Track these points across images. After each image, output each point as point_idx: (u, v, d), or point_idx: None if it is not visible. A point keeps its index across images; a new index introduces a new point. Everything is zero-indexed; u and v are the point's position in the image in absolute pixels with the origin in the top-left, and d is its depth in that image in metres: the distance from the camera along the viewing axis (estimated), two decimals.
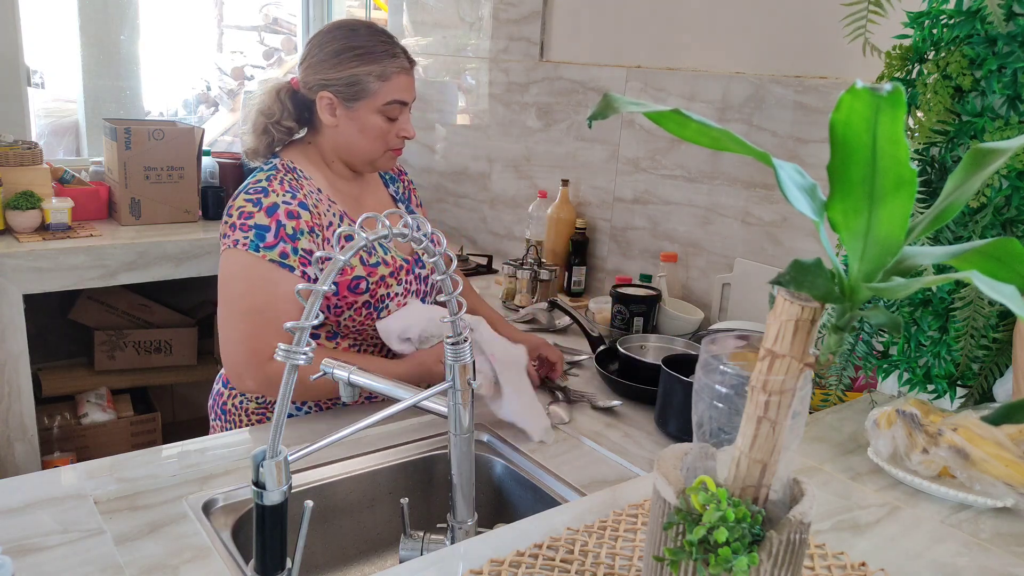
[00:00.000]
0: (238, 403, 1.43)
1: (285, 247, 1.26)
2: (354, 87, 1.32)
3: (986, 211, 1.09)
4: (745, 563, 0.56)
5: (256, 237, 1.25)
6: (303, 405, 1.42)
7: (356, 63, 1.32)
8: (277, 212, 1.26)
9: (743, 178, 1.84)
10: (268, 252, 1.25)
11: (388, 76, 1.33)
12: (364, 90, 1.32)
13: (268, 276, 1.25)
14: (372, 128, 1.35)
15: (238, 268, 1.27)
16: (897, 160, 0.48)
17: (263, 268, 1.25)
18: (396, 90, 1.34)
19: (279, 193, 1.28)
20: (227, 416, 1.45)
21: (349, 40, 1.33)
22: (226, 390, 1.46)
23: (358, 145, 1.37)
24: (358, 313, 1.36)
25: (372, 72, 1.32)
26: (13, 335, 2.22)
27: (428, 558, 0.85)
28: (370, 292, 1.35)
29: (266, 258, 1.25)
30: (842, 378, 1.20)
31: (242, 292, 1.26)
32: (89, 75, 3.06)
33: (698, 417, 0.65)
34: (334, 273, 0.76)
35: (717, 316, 1.91)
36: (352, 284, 1.33)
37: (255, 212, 1.27)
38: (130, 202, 2.54)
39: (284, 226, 1.26)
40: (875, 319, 0.55)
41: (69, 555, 0.92)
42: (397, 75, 1.34)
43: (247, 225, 1.26)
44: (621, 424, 1.40)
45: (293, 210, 1.28)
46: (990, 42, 1.08)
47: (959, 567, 0.87)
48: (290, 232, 1.26)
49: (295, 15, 3.56)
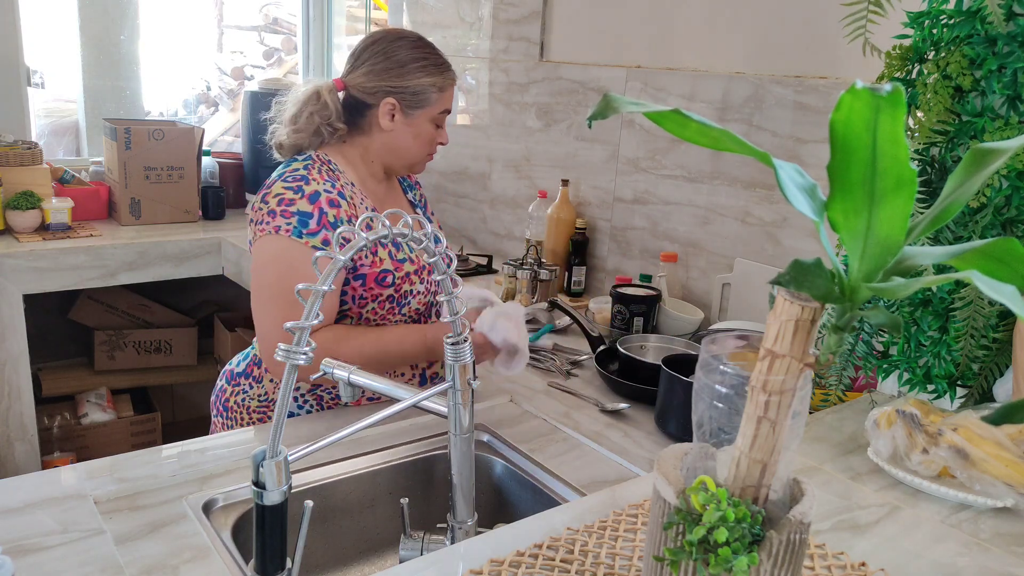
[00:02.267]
0: (240, 400, 1.44)
1: (327, 234, 1.28)
2: (419, 96, 1.39)
3: (986, 211, 1.09)
4: (745, 563, 0.56)
5: (299, 223, 1.27)
6: (304, 404, 1.42)
7: (422, 74, 1.39)
8: (319, 200, 1.29)
9: (743, 178, 1.84)
10: (311, 239, 1.27)
11: (445, 88, 1.43)
12: (427, 100, 1.40)
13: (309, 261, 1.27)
14: (424, 135, 1.43)
15: (279, 253, 1.28)
16: (897, 160, 0.49)
17: (306, 254, 1.27)
18: (448, 100, 1.45)
19: (319, 181, 1.32)
20: (229, 413, 1.45)
21: (415, 52, 1.40)
22: (229, 387, 1.47)
23: (409, 149, 1.43)
24: (381, 306, 1.38)
25: (435, 84, 1.40)
26: (13, 335, 2.22)
27: (428, 558, 0.85)
28: (395, 287, 1.37)
29: (309, 244, 1.27)
30: (842, 378, 1.20)
31: (283, 275, 1.28)
32: (89, 75, 3.06)
33: (698, 417, 0.65)
34: (334, 273, 0.76)
35: (717, 316, 1.91)
36: (379, 277, 1.35)
37: (296, 199, 1.29)
38: (130, 202, 2.54)
39: (326, 214, 1.29)
40: (875, 319, 0.55)
41: (69, 555, 0.92)
42: (450, 87, 1.44)
43: (289, 212, 1.28)
44: (621, 424, 1.40)
45: (334, 199, 1.31)
46: (990, 42, 1.08)
47: (959, 567, 0.87)
48: (332, 220, 1.29)
49: (295, 15, 3.56)
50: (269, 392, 1.42)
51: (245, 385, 1.44)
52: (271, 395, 1.42)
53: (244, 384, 1.45)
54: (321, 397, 1.43)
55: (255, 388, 1.43)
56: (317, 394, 1.43)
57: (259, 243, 1.31)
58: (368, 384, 1.04)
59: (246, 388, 1.44)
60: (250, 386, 1.44)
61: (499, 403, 1.46)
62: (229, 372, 1.49)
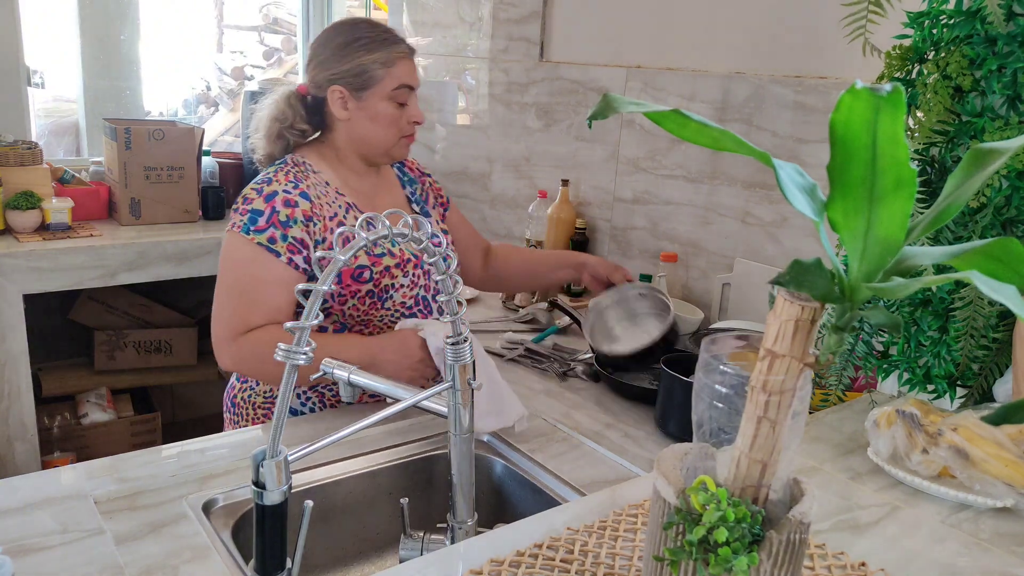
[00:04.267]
0: (246, 396, 1.46)
1: (275, 232, 1.30)
2: (361, 76, 1.37)
3: (986, 211, 1.09)
4: (745, 563, 0.56)
5: (249, 220, 1.30)
6: (307, 402, 1.43)
7: (361, 53, 1.37)
8: (274, 199, 1.31)
9: (743, 178, 1.84)
10: (257, 235, 1.30)
11: (392, 62, 1.37)
12: (372, 78, 1.37)
13: (254, 258, 1.30)
14: (384, 116, 1.39)
15: (230, 249, 1.33)
16: (897, 160, 0.49)
17: (250, 250, 1.30)
18: (401, 75, 1.38)
19: (281, 182, 1.34)
20: (236, 408, 1.48)
21: (351, 34, 1.38)
22: (238, 383, 1.49)
23: (372, 135, 1.41)
24: (362, 302, 1.37)
25: (377, 60, 1.36)
26: (13, 335, 2.22)
27: (428, 558, 0.85)
28: (373, 281, 1.37)
29: (254, 240, 1.29)
30: (842, 378, 1.20)
31: (231, 271, 1.32)
32: (89, 75, 3.06)
33: (698, 417, 0.65)
34: (334, 273, 0.76)
35: (717, 316, 1.91)
36: (355, 273, 1.35)
37: (255, 198, 1.32)
38: (130, 202, 2.54)
39: (278, 212, 1.31)
40: (875, 319, 0.55)
41: (69, 555, 0.92)
42: (400, 60, 1.38)
43: (245, 210, 1.32)
44: (621, 424, 1.40)
45: (291, 199, 1.32)
46: (990, 42, 1.08)
47: (959, 567, 0.87)
48: (283, 219, 1.30)
49: (295, 15, 3.56)
50: (275, 389, 1.42)
51: (252, 382, 1.46)
52: (276, 392, 1.42)
53: (252, 381, 1.46)
54: (323, 394, 1.44)
55: (261, 385, 1.45)
56: (319, 391, 1.44)
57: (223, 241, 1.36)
58: (368, 384, 1.04)
59: (253, 385, 1.46)
60: (256, 383, 1.45)
61: None
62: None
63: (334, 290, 1.34)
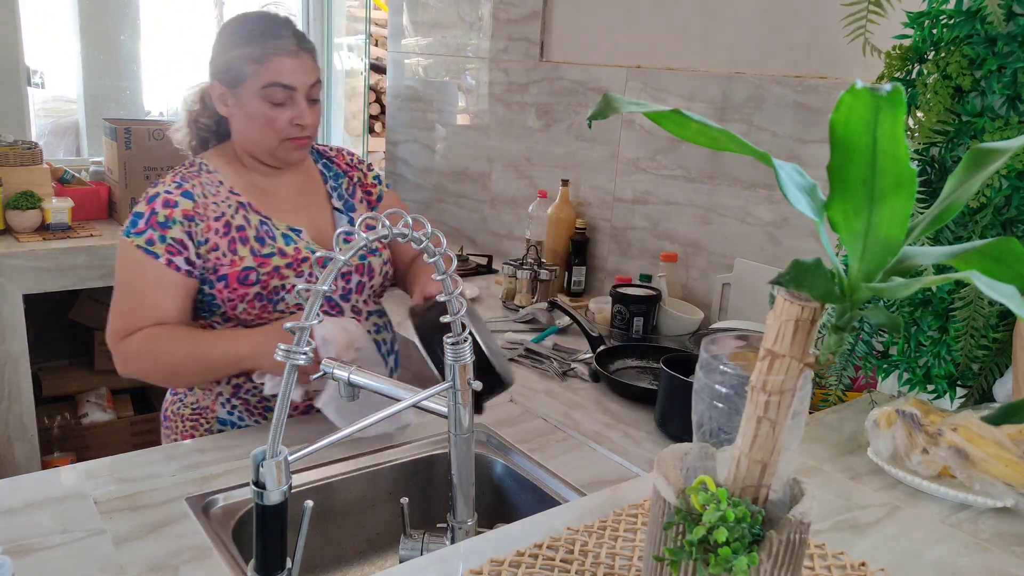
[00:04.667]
0: (176, 409, 1.43)
1: (152, 234, 1.27)
2: (231, 72, 1.30)
3: (986, 211, 1.09)
4: (745, 563, 0.56)
5: (131, 224, 1.29)
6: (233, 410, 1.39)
7: (234, 48, 1.30)
8: (155, 201, 1.29)
9: (743, 178, 1.84)
10: (136, 238, 1.28)
11: (264, 58, 1.28)
12: (241, 74, 1.29)
13: (133, 260, 1.28)
14: (257, 115, 1.30)
15: (119, 252, 1.31)
16: (897, 160, 0.48)
17: (130, 252, 1.28)
18: (273, 72, 1.28)
19: (166, 184, 1.32)
20: (167, 422, 1.46)
21: (234, 27, 1.33)
22: (170, 396, 1.47)
23: (250, 134, 1.34)
24: (251, 306, 1.31)
25: (247, 55, 1.29)
26: (13, 335, 2.22)
27: (428, 558, 0.85)
28: (261, 284, 1.31)
29: (133, 243, 1.28)
30: (842, 378, 1.20)
31: (117, 274, 1.31)
32: (89, 75, 3.06)
33: (698, 417, 0.65)
34: (334, 273, 0.76)
35: (717, 316, 1.91)
36: (241, 276, 1.29)
37: (140, 202, 1.31)
38: (130, 202, 2.53)
39: (156, 214, 1.28)
40: (875, 319, 0.55)
41: (69, 555, 0.92)
42: (276, 57, 1.28)
43: (132, 212, 1.31)
44: (621, 424, 1.40)
45: (172, 199, 1.29)
46: (990, 42, 1.08)
47: (959, 567, 0.87)
48: (161, 220, 1.28)
49: (295, 15, 3.56)
50: (200, 399, 1.40)
51: (181, 394, 1.44)
52: (201, 402, 1.40)
53: (180, 393, 1.44)
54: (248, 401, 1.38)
55: (189, 397, 1.42)
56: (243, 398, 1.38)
57: None
58: (368, 384, 1.04)
59: (181, 397, 1.43)
60: (184, 394, 1.42)
61: (499, 403, 1.46)
62: None
63: (223, 295, 1.30)
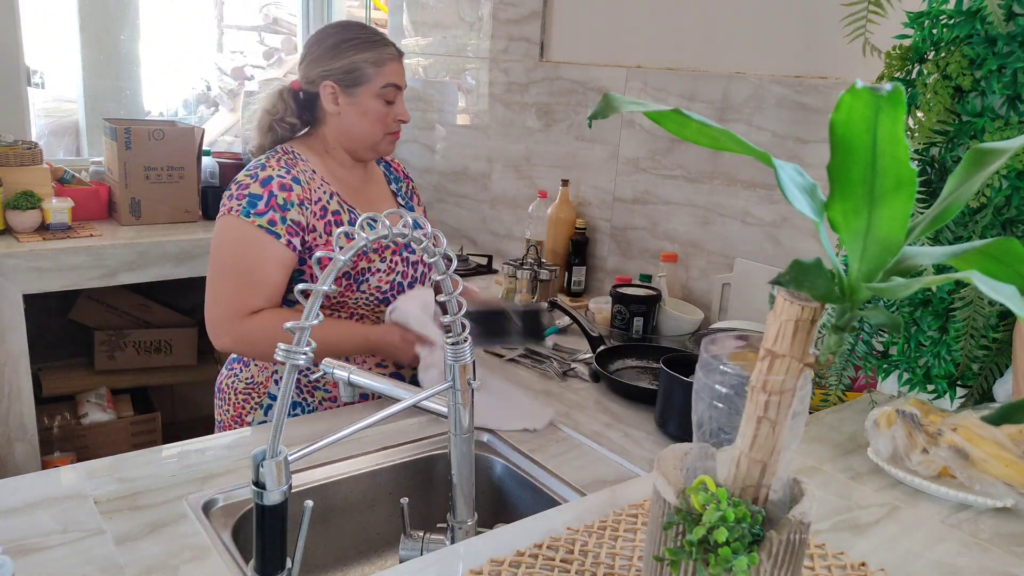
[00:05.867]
0: (230, 383, 1.50)
1: (274, 215, 1.35)
2: (353, 74, 1.43)
3: (986, 211, 1.09)
4: (745, 563, 0.56)
5: (248, 204, 1.35)
6: (303, 402, 1.44)
7: (353, 52, 1.43)
8: (271, 184, 1.37)
9: (743, 178, 1.84)
10: (257, 218, 1.34)
11: (382, 62, 1.44)
12: (363, 76, 1.43)
13: (255, 240, 1.34)
14: (372, 112, 1.45)
15: (229, 232, 1.37)
16: (897, 160, 0.48)
17: (251, 232, 1.34)
18: (390, 74, 1.45)
19: (275, 168, 1.40)
20: (220, 394, 1.52)
21: (344, 34, 1.45)
22: (225, 370, 1.53)
23: (361, 129, 1.46)
24: (337, 283, 1.40)
25: (368, 59, 1.43)
26: (13, 335, 2.22)
27: (428, 558, 0.85)
28: (351, 264, 1.40)
29: (255, 223, 1.34)
30: (842, 378, 1.20)
31: (230, 253, 1.37)
32: (89, 75, 3.06)
33: (698, 417, 0.65)
34: (334, 273, 0.76)
35: (717, 316, 1.91)
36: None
37: (251, 183, 1.37)
38: (130, 202, 2.54)
39: (275, 196, 1.36)
40: (875, 319, 0.55)
41: (69, 555, 0.92)
42: (390, 61, 1.45)
43: (241, 195, 1.37)
44: (621, 424, 1.40)
45: (286, 183, 1.38)
46: (990, 42, 1.08)
47: (959, 567, 0.87)
48: (280, 202, 1.36)
49: (295, 15, 3.56)
50: (255, 375, 1.47)
51: (236, 368, 1.50)
52: (256, 378, 1.47)
53: (236, 367, 1.50)
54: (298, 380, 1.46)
55: (244, 372, 1.49)
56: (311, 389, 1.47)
57: (216, 223, 1.40)
58: (368, 384, 1.04)
59: (237, 372, 1.50)
60: (240, 370, 1.49)
61: None
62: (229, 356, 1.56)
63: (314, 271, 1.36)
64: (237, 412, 1.48)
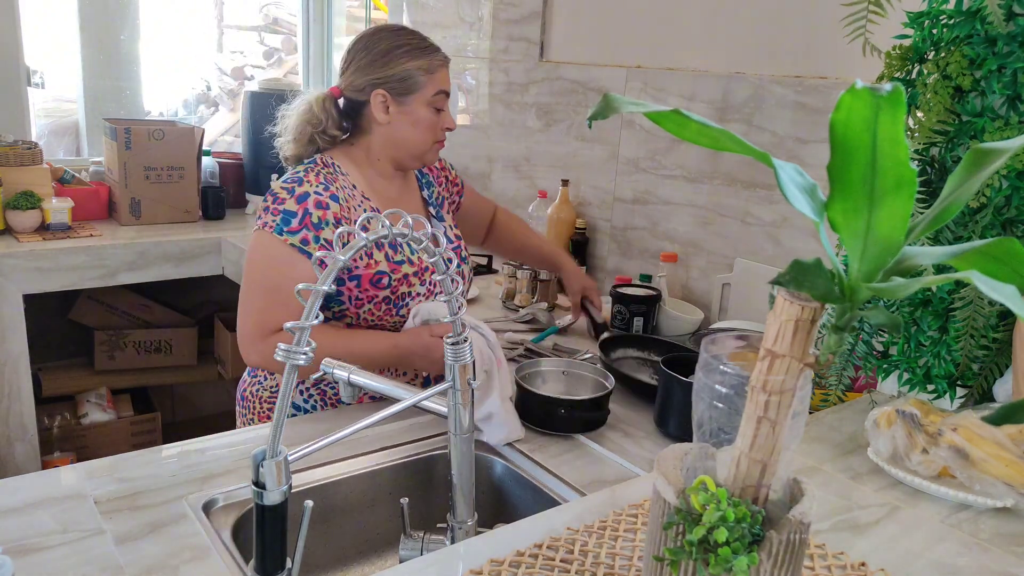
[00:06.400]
0: (254, 391, 1.49)
1: (307, 234, 1.31)
2: (406, 82, 1.39)
3: (986, 211, 1.09)
4: (745, 563, 0.56)
5: (282, 221, 1.32)
6: (309, 399, 1.45)
7: (406, 59, 1.39)
8: (306, 201, 1.33)
9: (743, 178, 1.84)
10: (291, 236, 1.31)
11: (434, 69, 1.41)
12: (415, 84, 1.40)
13: (287, 258, 1.31)
14: (423, 120, 1.42)
15: (262, 249, 1.34)
16: (897, 160, 0.48)
17: (283, 250, 1.31)
18: (441, 81, 1.42)
19: (313, 184, 1.35)
20: (244, 402, 1.51)
21: (395, 40, 1.41)
22: (249, 377, 1.52)
23: (411, 139, 1.43)
24: (377, 308, 1.39)
25: (420, 67, 1.39)
26: (13, 335, 2.22)
27: (428, 558, 0.85)
28: (391, 288, 1.38)
29: (287, 242, 1.31)
30: (842, 378, 1.20)
31: (262, 270, 1.34)
32: (89, 75, 3.06)
33: (698, 417, 0.65)
34: (333, 273, 0.76)
35: (717, 316, 1.91)
36: (375, 278, 1.36)
37: (287, 199, 1.34)
38: (130, 202, 2.54)
39: (311, 214, 1.32)
40: (875, 319, 0.55)
41: (69, 555, 0.92)
42: (440, 68, 1.42)
43: (277, 210, 1.33)
44: (621, 424, 1.40)
45: (323, 201, 1.34)
46: (990, 42, 1.08)
47: (959, 567, 0.87)
48: (315, 221, 1.32)
49: (295, 15, 3.56)
50: (279, 383, 1.44)
51: (261, 376, 1.49)
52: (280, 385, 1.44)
53: (260, 375, 1.49)
54: (325, 392, 1.45)
55: (268, 380, 1.47)
56: (321, 388, 1.45)
57: (251, 238, 1.37)
58: (368, 384, 1.04)
59: (261, 380, 1.48)
60: (264, 378, 1.48)
61: None
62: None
63: (354, 293, 1.36)
64: (261, 420, 1.47)
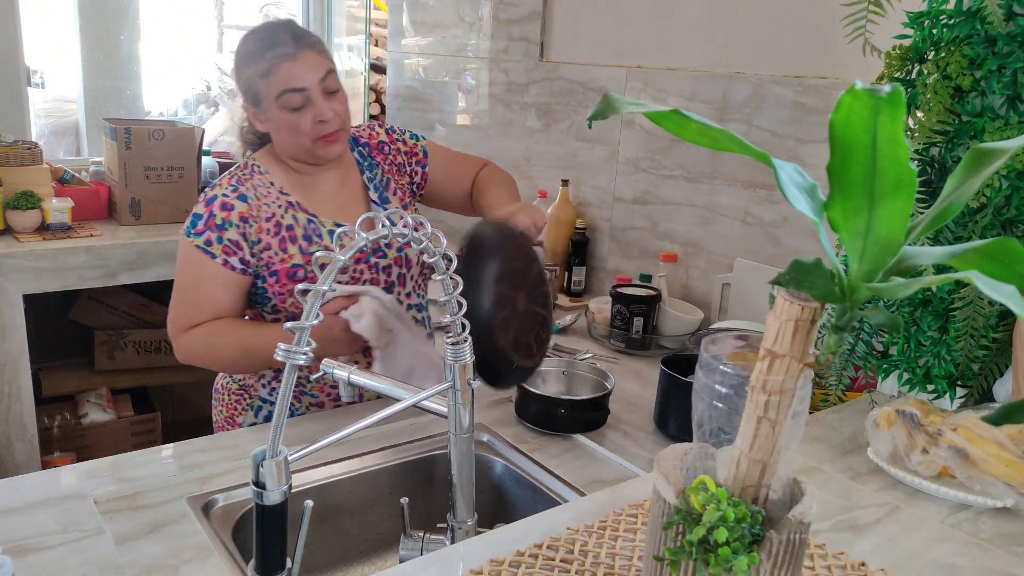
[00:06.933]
0: (224, 383, 1.52)
1: (211, 235, 1.33)
2: (252, 91, 1.35)
3: (986, 211, 1.09)
4: (745, 563, 0.56)
5: (191, 224, 1.35)
6: (299, 403, 1.44)
7: (244, 68, 1.34)
8: (213, 204, 1.35)
9: (743, 178, 1.84)
10: (196, 238, 1.34)
11: (271, 72, 1.31)
12: (258, 92, 1.34)
13: (193, 259, 1.35)
14: (283, 124, 1.34)
15: (179, 251, 1.39)
16: (897, 160, 0.49)
17: (190, 252, 1.35)
18: (281, 81, 1.30)
19: (223, 186, 1.37)
20: (216, 394, 1.54)
21: (242, 47, 1.36)
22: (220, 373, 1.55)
23: (284, 142, 1.38)
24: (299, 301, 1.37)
25: (257, 72, 1.32)
26: (13, 335, 2.22)
27: (428, 558, 0.85)
28: (309, 280, 1.34)
29: (194, 243, 1.34)
30: (842, 378, 1.20)
31: (177, 271, 1.39)
32: (89, 75, 3.06)
33: (698, 417, 0.65)
34: (333, 273, 0.76)
35: (717, 316, 1.91)
36: (290, 272, 1.36)
37: (199, 202, 1.37)
38: (130, 202, 2.54)
39: (215, 216, 1.34)
40: (875, 319, 0.55)
41: (69, 555, 0.92)
42: (278, 65, 1.30)
43: (191, 213, 1.37)
44: (621, 424, 1.40)
45: (228, 202, 1.35)
46: (990, 42, 1.08)
47: (959, 567, 0.87)
48: (219, 223, 1.34)
49: (295, 15, 3.56)
50: (246, 378, 1.48)
51: None
52: (247, 380, 1.48)
53: None
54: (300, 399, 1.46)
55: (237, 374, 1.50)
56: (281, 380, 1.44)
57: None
58: (368, 384, 1.04)
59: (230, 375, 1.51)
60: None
61: (499, 403, 1.46)
62: None
63: (275, 288, 1.37)
64: (230, 413, 1.49)
